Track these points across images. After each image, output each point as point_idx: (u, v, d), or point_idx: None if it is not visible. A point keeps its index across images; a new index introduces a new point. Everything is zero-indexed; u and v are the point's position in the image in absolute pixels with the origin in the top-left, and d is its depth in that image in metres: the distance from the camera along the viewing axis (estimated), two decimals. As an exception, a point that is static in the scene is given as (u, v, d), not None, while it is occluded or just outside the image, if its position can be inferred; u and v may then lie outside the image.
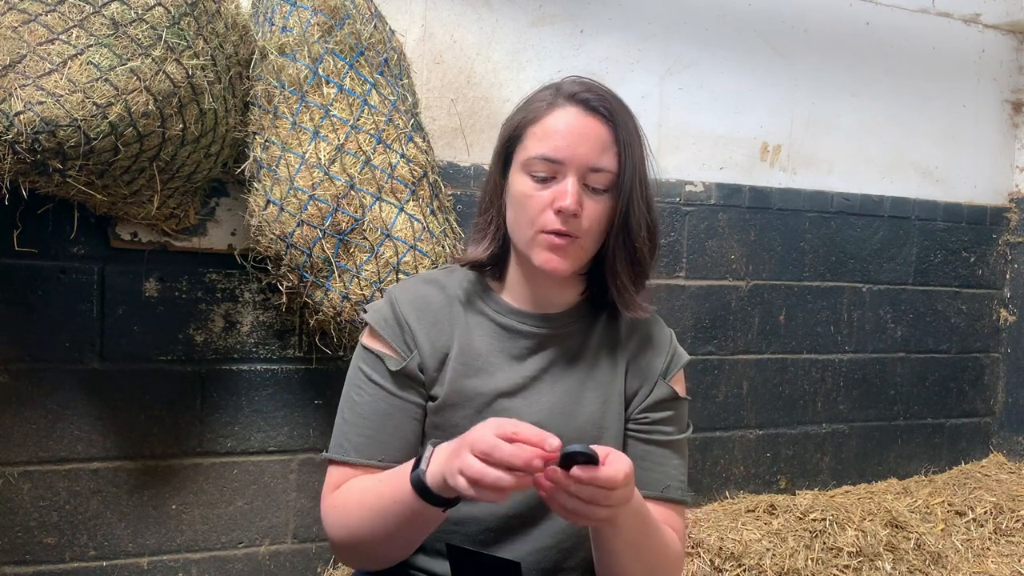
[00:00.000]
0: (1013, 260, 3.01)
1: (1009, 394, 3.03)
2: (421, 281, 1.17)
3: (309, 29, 1.72)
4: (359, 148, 1.72)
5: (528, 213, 1.04)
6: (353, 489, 1.04)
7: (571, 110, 1.05)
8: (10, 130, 1.35)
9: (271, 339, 2.00)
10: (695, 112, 2.51)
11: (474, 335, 1.11)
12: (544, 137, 1.04)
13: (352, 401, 1.10)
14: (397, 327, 1.10)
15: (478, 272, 1.16)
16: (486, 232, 1.14)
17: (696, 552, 2.15)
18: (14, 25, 1.40)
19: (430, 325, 1.10)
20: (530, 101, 1.10)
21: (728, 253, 2.55)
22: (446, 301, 1.13)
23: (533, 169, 1.04)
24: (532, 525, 1.09)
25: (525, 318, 1.12)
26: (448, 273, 1.18)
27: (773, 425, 2.66)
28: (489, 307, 1.13)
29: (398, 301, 1.12)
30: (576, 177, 1.02)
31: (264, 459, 2.02)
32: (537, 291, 1.12)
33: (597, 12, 2.36)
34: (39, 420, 1.83)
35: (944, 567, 2.30)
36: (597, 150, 1.03)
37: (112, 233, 1.83)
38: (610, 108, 1.04)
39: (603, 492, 0.84)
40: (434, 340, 1.10)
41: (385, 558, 1.05)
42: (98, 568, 1.89)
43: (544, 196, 1.03)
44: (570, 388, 1.10)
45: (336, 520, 1.04)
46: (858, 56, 2.72)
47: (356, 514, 1.01)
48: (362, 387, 1.09)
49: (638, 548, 1.00)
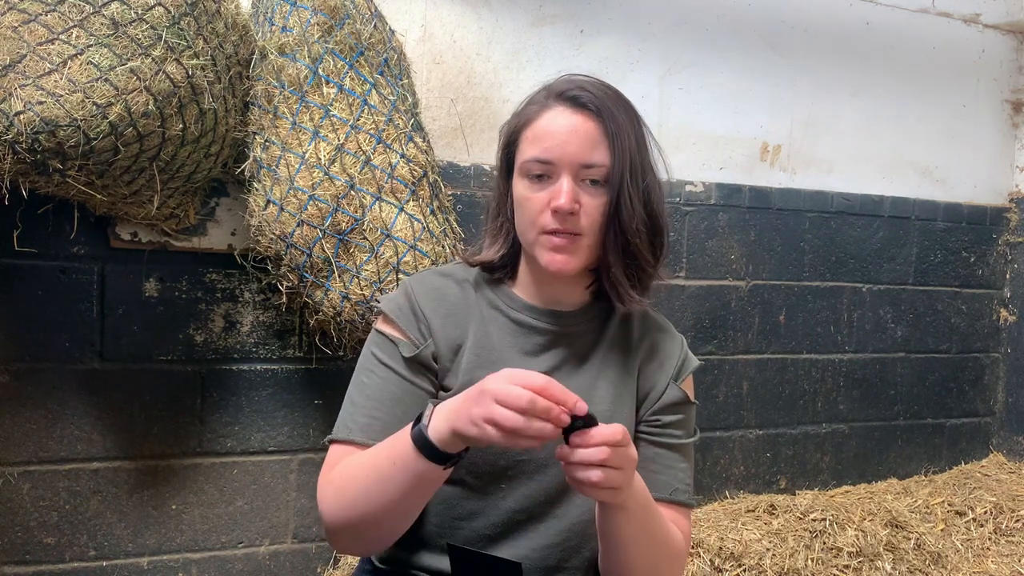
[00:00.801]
0: (1013, 260, 3.01)
1: (1009, 394, 3.03)
2: (437, 274, 1.18)
3: (309, 29, 1.72)
4: (359, 148, 1.72)
5: (529, 215, 1.06)
6: (350, 463, 1.02)
7: (560, 109, 1.06)
8: (10, 130, 1.35)
9: (271, 339, 2.00)
10: (695, 112, 2.51)
11: (489, 328, 1.12)
12: (535, 140, 1.06)
13: (362, 383, 1.09)
14: (412, 316, 1.11)
15: (491, 274, 1.18)
16: (497, 236, 1.16)
17: (696, 552, 2.15)
18: (14, 25, 1.40)
19: (445, 316, 1.11)
20: (524, 105, 1.12)
21: (728, 253, 2.55)
22: (461, 294, 1.14)
23: (529, 172, 1.06)
24: (538, 521, 1.09)
25: (538, 314, 1.13)
26: (464, 268, 1.19)
27: (773, 425, 2.66)
28: (503, 302, 1.14)
29: (414, 291, 1.13)
30: (570, 175, 1.03)
31: (264, 459, 2.02)
32: (547, 290, 1.13)
33: (597, 12, 2.36)
34: (39, 420, 1.83)
35: (944, 567, 2.30)
36: (587, 146, 1.03)
37: (112, 233, 1.83)
38: (598, 103, 1.05)
39: (605, 450, 0.86)
40: (449, 331, 1.11)
41: (380, 537, 1.03)
42: (98, 568, 1.89)
43: (542, 197, 1.04)
44: (582, 386, 1.10)
45: (331, 497, 1.02)
46: (858, 56, 2.72)
47: (352, 487, 0.99)
48: (373, 370, 1.09)
49: (645, 538, 1.01)
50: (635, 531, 0.99)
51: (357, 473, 0.99)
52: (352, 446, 1.05)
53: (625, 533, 0.99)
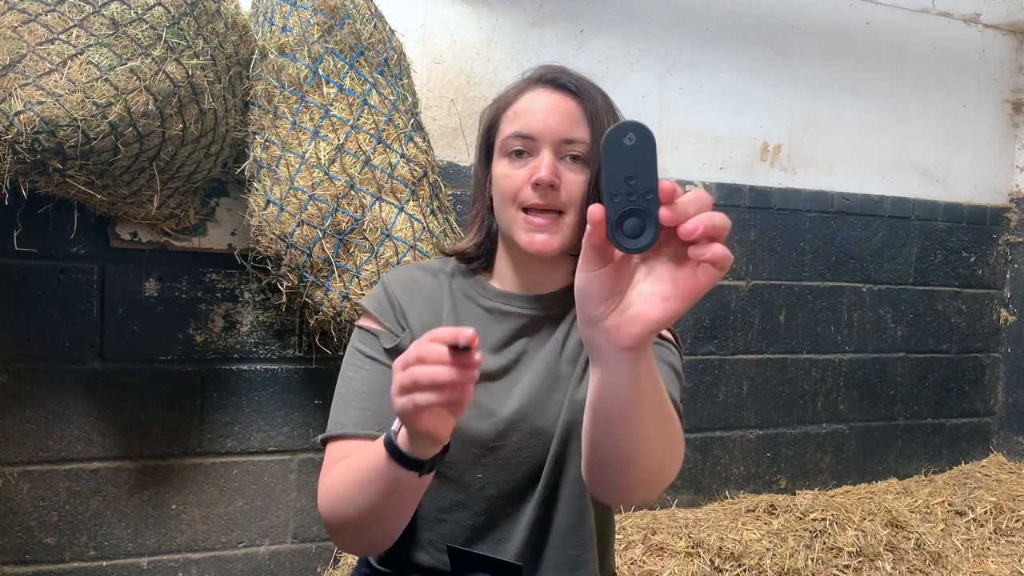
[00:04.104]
0: (1013, 260, 3.01)
1: (1009, 394, 3.03)
2: (415, 267, 1.20)
3: (309, 29, 1.72)
4: (359, 148, 1.72)
5: (508, 192, 1.05)
6: (341, 467, 1.01)
7: (540, 90, 1.08)
8: (10, 130, 1.35)
9: (271, 339, 2.00)
10: (695, 112, 2.51)
11: (462, 320, 1.12)
12: (516, 117, 1.07)
13: (348, 379, 1.10)
14: (389, 307, 1.12)
15: (467, 265, 1.17)
16: (473, 224, 1.16)
17: (696, 552, 2.15)
18: (14, 25, 1.40)
19: (421, 305, 1.12)
20: (504, 91, 1.14)
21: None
22: (437, 285, 1.15)
23: (509, 148, 1.06)
24: (522, 503, 1.08)
25: (512, 300, 1.12)
26: (442, 262, 1.20)
27: (773, 425, 2.66)
28: (476, 291, 1.14)
29: (390, 283, 1.14)
30: (551, 150, 1.04)
31: (264, 459, 2.02)
32: (526, 276, 1.12)
33: (597, 12, 2.36)
34: (39, 420, 1.83)
35: (944, 567, 2.30)
36: (568, 122, 1.04)
37: (112, 233, 1.83)
38: (578, 84, 1.07)
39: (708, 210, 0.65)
40: (425, 319, 1.11)
41: (373, 539, 1.02)
42: (98, 568, 1.89)
43: (521, 174, 1.04)
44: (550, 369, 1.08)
45: (325, 499, 1.01)
46: (858, 56, 2.72)
47: (340, 490, 0.98)
48: (358, 364, 1.10)
49: (659, 414, 0.79)
50: (649, 402, 0.77)
51: (345, 477, 0.99)
52: (348, 440, 1.05)
53: (642, 401, 0.76)
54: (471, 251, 1.15)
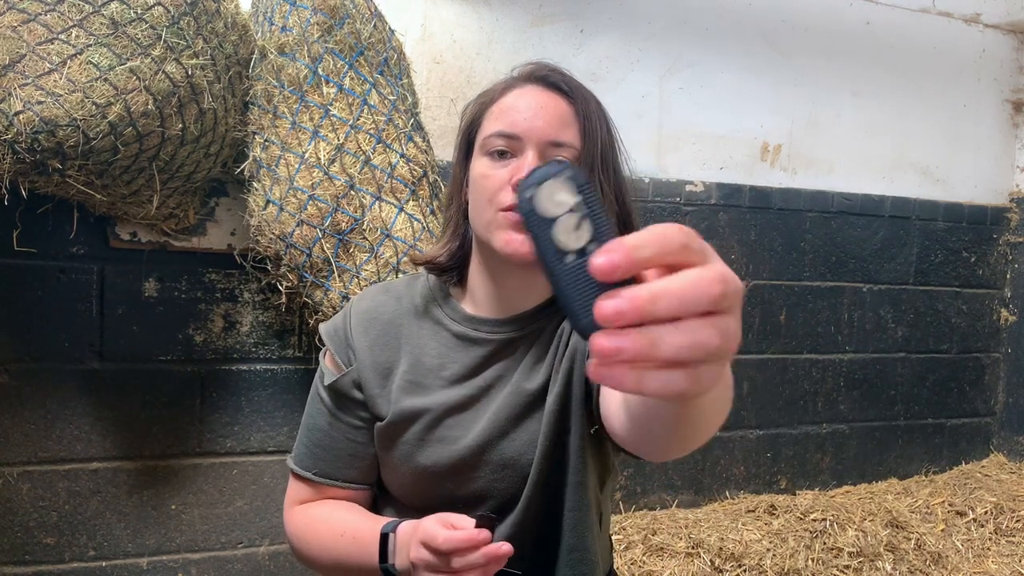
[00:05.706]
0: (1014, 260, 3.01)
1: (1009, 394, 3.03)
2: (380, 290, 1.11)
3: (309, 29, 1.71)
4: (359, 148, 1.72)
5: (486, 193, 0.96)
6: (315, 520, 1.03)
7: (529, 88, 1.00)
8: (10, 130, 1.35)
9: (271, 339, 2.00)
10: (695, 112, 2.51)
11: (426, 348, 1.04)
12: (501, 114, 0.98)
13: (307, 411, 1.10)
14: (342, 340, 1.06)
15: (438, 277, 1.09)
16: (447, 229, 1.07)
17: (696, 552, 2.15)
18: (14, 25, 1.40)
19: (375, 339, 1.05)
20: (489, 88, 1.06)
21: (728, 253, 2.55)
22: (397, 314, 1.06)
23: (491, 148, 0.97)
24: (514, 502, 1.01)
25: (481, 325, 1.03)
26: (410, 282, 1.12)
27: (773, 425, 2.66)
28: (446, 314, 1.05)
29: (351, 313, 1.08)
30: (536, 151, 0.95)
31: (264, 459, 2.02)
32: (502, 291, 1.02)
33: (597, 12, 2.36)
34: (39, 420, 1.83)
35: (944, 567, 2.29)
36: (557, 124, 0.96)
37: (111, 233, 1.83)
38: (570, 84, 0.99)
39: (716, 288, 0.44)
40: (376, 355, 1.04)
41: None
42: (98, 568, 1.89)
43: (501, 174, 0.95)
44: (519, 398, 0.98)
45: (293, 540, 1.06)
46: (858, 56, 2.72)
47: (315, 546, 1.02)
48: (312, 398, 1.09)
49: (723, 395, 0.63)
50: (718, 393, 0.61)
51: (321, 539, 1.01)
52: (309, 485, 1.07)
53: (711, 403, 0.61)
54: (443, 260, 1.06)
